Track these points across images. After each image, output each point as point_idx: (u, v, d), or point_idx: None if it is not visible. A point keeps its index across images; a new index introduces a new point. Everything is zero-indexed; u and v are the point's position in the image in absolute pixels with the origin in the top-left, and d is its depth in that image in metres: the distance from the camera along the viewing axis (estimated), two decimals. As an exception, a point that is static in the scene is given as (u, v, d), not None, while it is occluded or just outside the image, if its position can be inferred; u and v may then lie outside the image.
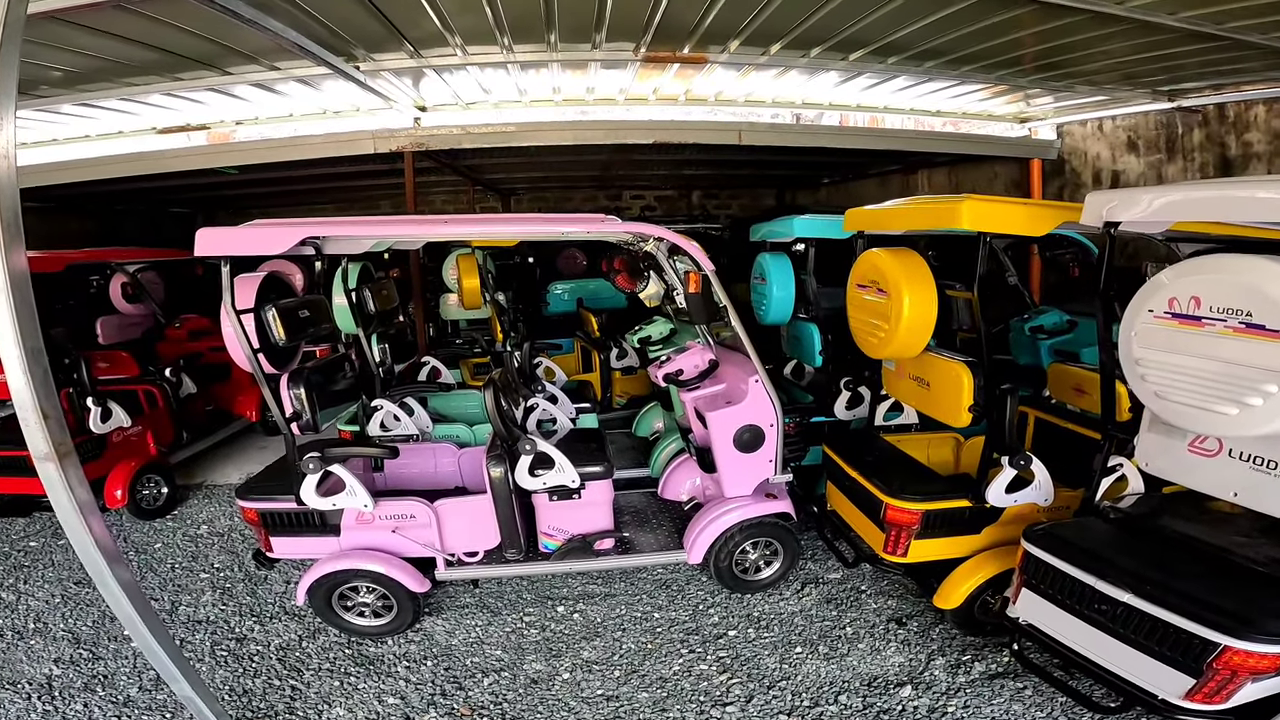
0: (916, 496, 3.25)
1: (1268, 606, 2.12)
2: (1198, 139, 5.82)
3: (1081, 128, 6.87)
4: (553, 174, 10.16)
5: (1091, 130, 6.76)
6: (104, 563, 2.16)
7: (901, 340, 3.26)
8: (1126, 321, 2.45)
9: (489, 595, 3.97)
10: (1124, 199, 2.42)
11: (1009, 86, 5.93)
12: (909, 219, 3.40)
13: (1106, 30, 4.22)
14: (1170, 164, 6.08)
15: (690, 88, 6.00)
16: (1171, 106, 5.77)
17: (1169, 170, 6.11)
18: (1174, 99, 5.70)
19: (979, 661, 3.23)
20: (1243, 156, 5.49)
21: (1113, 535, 2.72)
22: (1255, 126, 5.39)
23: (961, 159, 8.02)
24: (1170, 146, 6.05)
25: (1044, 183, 7.28)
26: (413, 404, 4.58)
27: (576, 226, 3.70)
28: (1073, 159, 7.03)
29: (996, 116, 7.14)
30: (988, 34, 4.52)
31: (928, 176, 9.03)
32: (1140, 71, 5.22)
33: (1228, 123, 5.59)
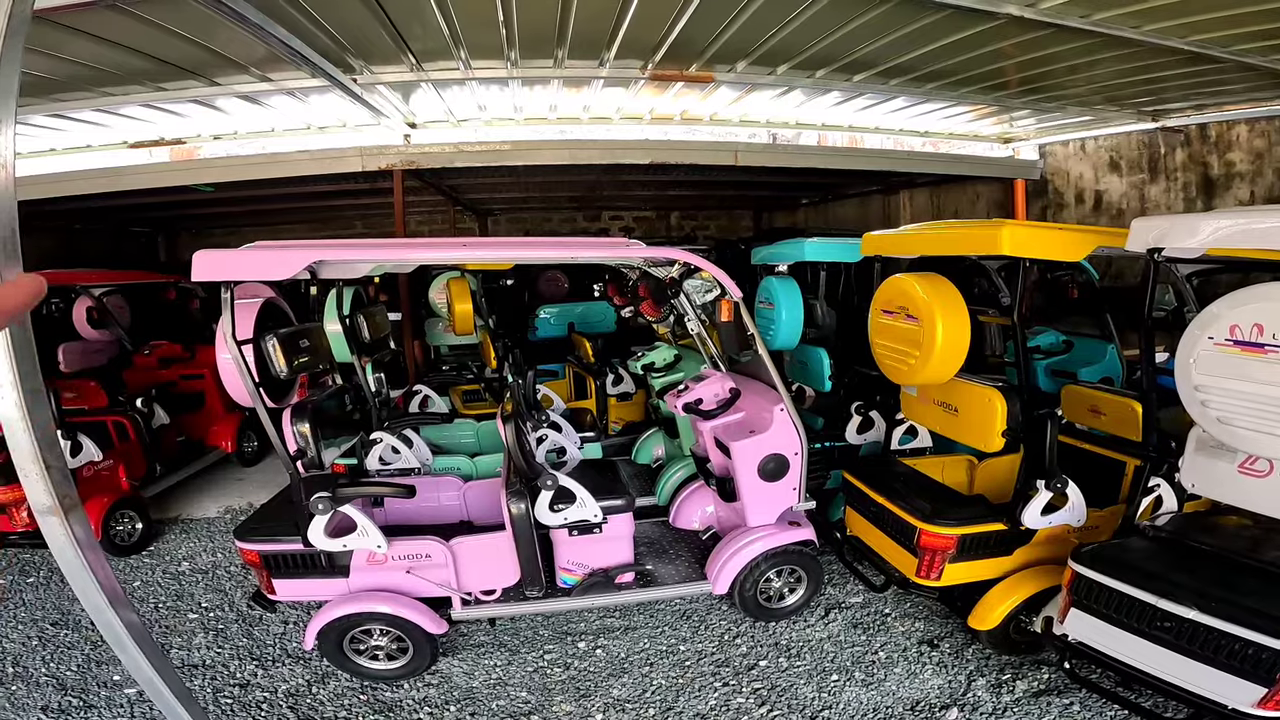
0: (951, 521, 3.22)
1: None
2: (1180, 159, 5.99)
3: (1064, 148, 7.03)
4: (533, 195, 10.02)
5: (1074, 150, 6.93)
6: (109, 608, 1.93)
7: (934, 368, 3.22)
8: (1184, 348, 2.45)
9: (505, 633, 3.80)
10: (1176, 226, 2.42)
11: (998, 107, 6.04)
12: (937, 244, 3.37)
13: (1089, 48, 4.29)
14: (1153, 184, 6.25)
15: (686, 108, 5.97)
16: (1155, 127, 5.92)
17: (1151, 190, 6.28)
18: (1157, 119, 5.86)
19: (1020, 680, 3.21)
20: (1225, 176, 5.66)
21: (1161, 553, 2.76)
22: (1237, 146, 5.56)
23: (944, 180, 8.15)
24: (1153, 166, 6.21)
25: (1027, 203, 7.42)
26: (411, 436, 4.39)
27: (602, 251, 3.59)
28: (1055, 179, 7.18)
29: (982, 137, 7.28)
30: (985, 59, 4.61)
31: (909, 197, 9.16)
32: (1124, 92, 5.36)
33: (1209, 142, 5.76)
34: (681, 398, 3.76)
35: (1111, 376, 4.82)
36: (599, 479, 3.68)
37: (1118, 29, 3.80)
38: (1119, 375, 4.84)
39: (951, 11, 3.69)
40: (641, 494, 4.85)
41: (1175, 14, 3.67)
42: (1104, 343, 4.98)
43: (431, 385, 5.58)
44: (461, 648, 3.65)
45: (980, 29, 3.99)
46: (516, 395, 3.82)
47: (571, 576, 3.57)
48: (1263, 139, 5.39)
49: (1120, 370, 4.88)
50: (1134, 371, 4.91)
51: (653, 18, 3.94)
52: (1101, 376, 4.78)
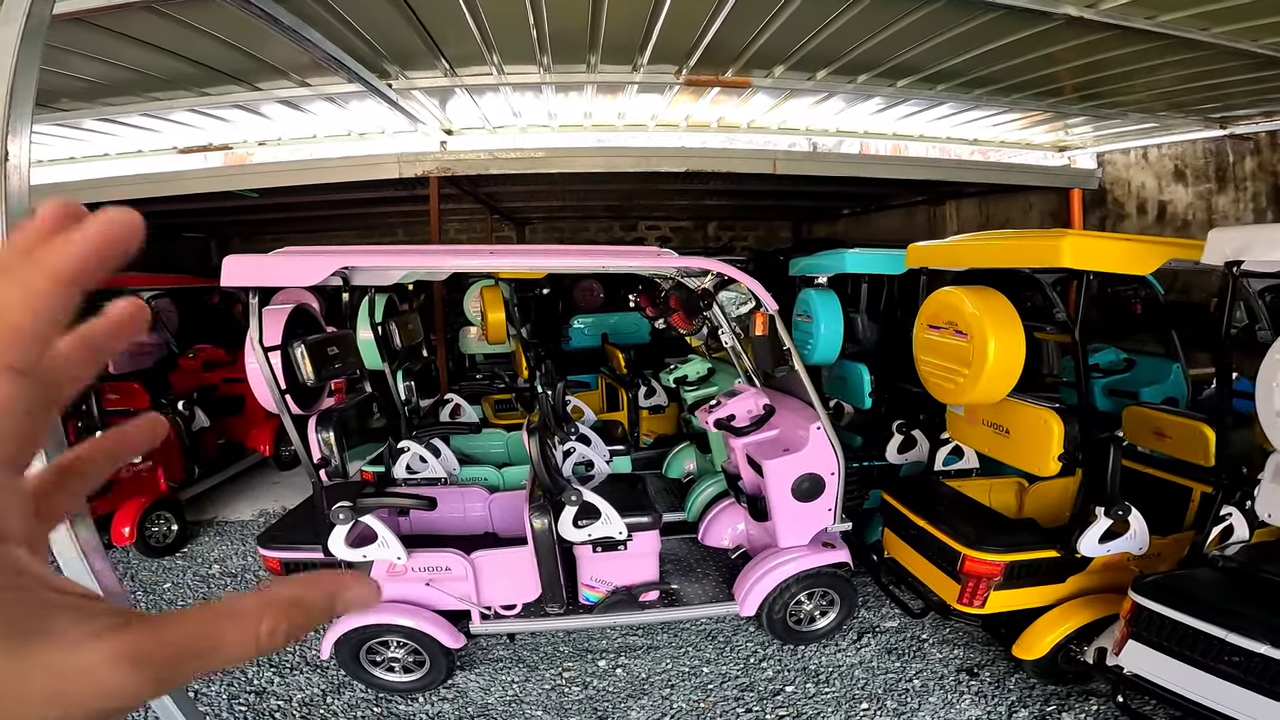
0: (998, 548, 3.05)
1: None
2: (1249, 167, 5.64)
3: (1124, 156, 6.70)
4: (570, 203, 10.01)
5: (1135, 159, 6.59)
6: None
7: (985, 387, 3.02)
8: (1267, 371, 2.23)
9: (524, 648, 3.71)
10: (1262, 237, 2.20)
11: (1052, 114, 5.78)
12: (991, 255, 3.19)
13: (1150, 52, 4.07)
14: (1221, 194, 5.90)
15: (723, 114, 5.86)
16: (1223, 134, 5.58)
17: (1219, 201, 5.92)
18: (1225, 126, 5.52)
19: (1066, 712, 3.02)
20: (1301, 184, 5.30)
21: (1231, 585, 2.60)
22: (1313, 155, 5.21)
23: (993, 189, 7.84)
24: (1220, 176, 5.86)
25: (1085, 214, 7.07)
26: (439, 445, 4.35)
27: (634, 260, 3.50)
28: (1115, 189, 6.84)
29: (1035, 145, 6.99)
30: (1038, 63, 4.41)
31: (956, 208, 8.85)
32: (1189, 98, 5.08)
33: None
34: (713, 413, 3.62)
35: (1176, 397, 4.52)
36: (626, 494, 3.58)
37: (1184, 31, 3.59)
38: (1184, 396, 4.54)
39: (1004, 13, 3.51)
40: (670, 509, 4.75)
41: (1245, 16, 3.45)
42: (1169, 361, 4.68)
43: (463, 394, 5.55)
44: (479, 662, 3.58)
45: (1035, 31, 3.80)
46: (544, 407, 3.74)
47: (594, 594, 3.47)
48: (1343, 147, 5.03)
49: (1185, 391, 4.58)
50: (1200, 392, 4.61)
51: (686, 21, 3.85)
52: (1165, 397, 4.49)
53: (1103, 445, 2.87)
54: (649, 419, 5.84)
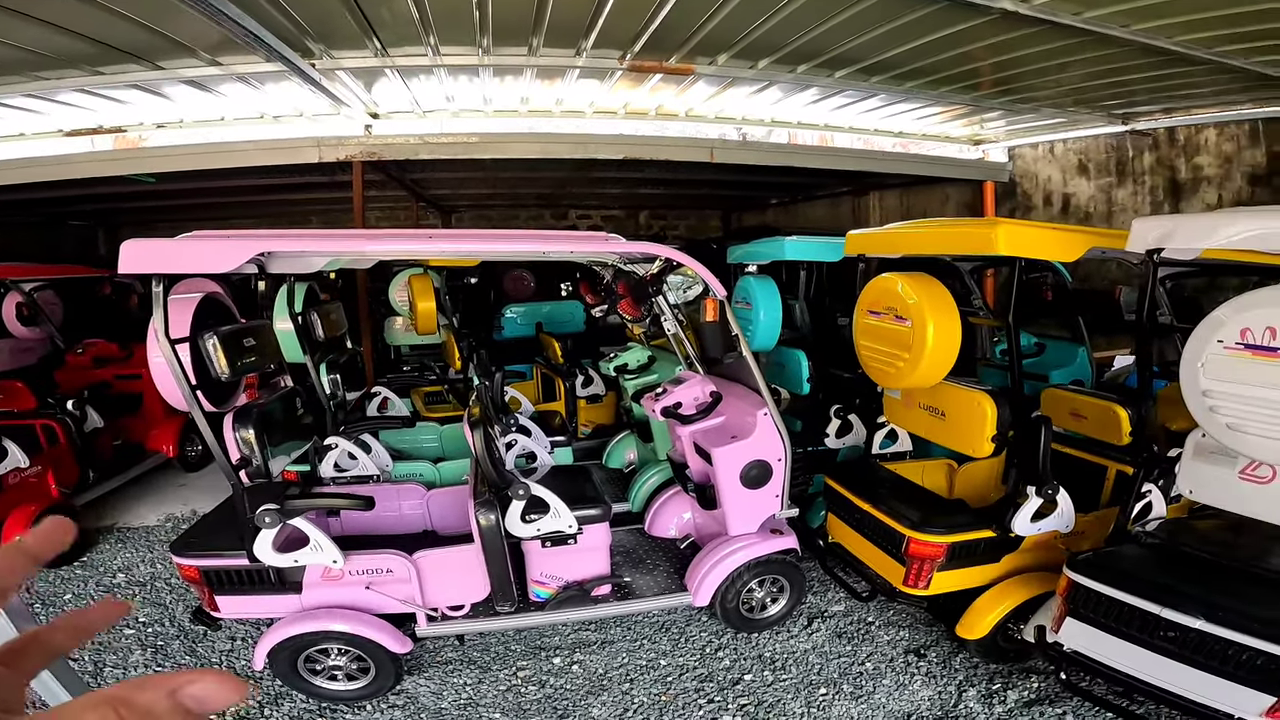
0: (941, 529, 3.13)
1: None
2: (1148, 162, 6.05)
3: (1033, 150, 7.07)
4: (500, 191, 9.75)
5: (1043, 153, 6.97)
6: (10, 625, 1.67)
7: (924, 371, 3.10)
8: (1191, 352, 2.36)
9: (474, 649, 3.57)
10: (1183, 227, 2.33)
11: (972, 108, 6.02)
12: (927, 242, 3.27)
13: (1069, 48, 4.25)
14: (1120, 187, 6.30)
15: (662, 102, 5.81)
16: (1124, 130, 5.96)
17: (1119, 194, 6.33)
18: (1127, 121, 5.89)
19: (1011, 689, 3.13)
20: (1193, 180, 5.72)
21: (1158, 561, 2.72)
22: (1205, 150, 5.62)
23: (914, 181, 8.14)
24: (1121, 170, 6.27)
25: (996, 205, 7.44)
26: (370, 441, 4.13)
27: (584, 245, 3.39)
28: (1024, 181, 7.22)
29: (953, 138, 7.28)
30: (967, 57, 4.56)
31: (879, 198, 9.15)
32: (1096, 94, 5.38)
33: (1178, 146, 5.81)
34: (660, 401, 3.58)
35: (1082, 379, 4.82)
36: (572, 486, 3.49)
37: (1105, 27, 3.76)
38: (1089, 378, 4.84)
39: (947, 5, 3.59)
40: (614, 500, 4.69)
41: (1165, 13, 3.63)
42: (1075, 345, 4.98)
43: (391, 387, 5.31)
44: (428, 666, 3.43)
45: (971, 24, 3.91)
46: (484, 399, 3.59)
47: (545, 590, 3.38)
48: (1231, 143, 5.45)
49: (1090, 373, 4.88)
50: (1102, 374, 4.92)
51: (634, 5, 3.77)
52: (1072, 379, 4.77)
53: (1034, 426, 2.97)
54: (587, 409, 5.75)
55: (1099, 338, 4.96)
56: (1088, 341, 4.94)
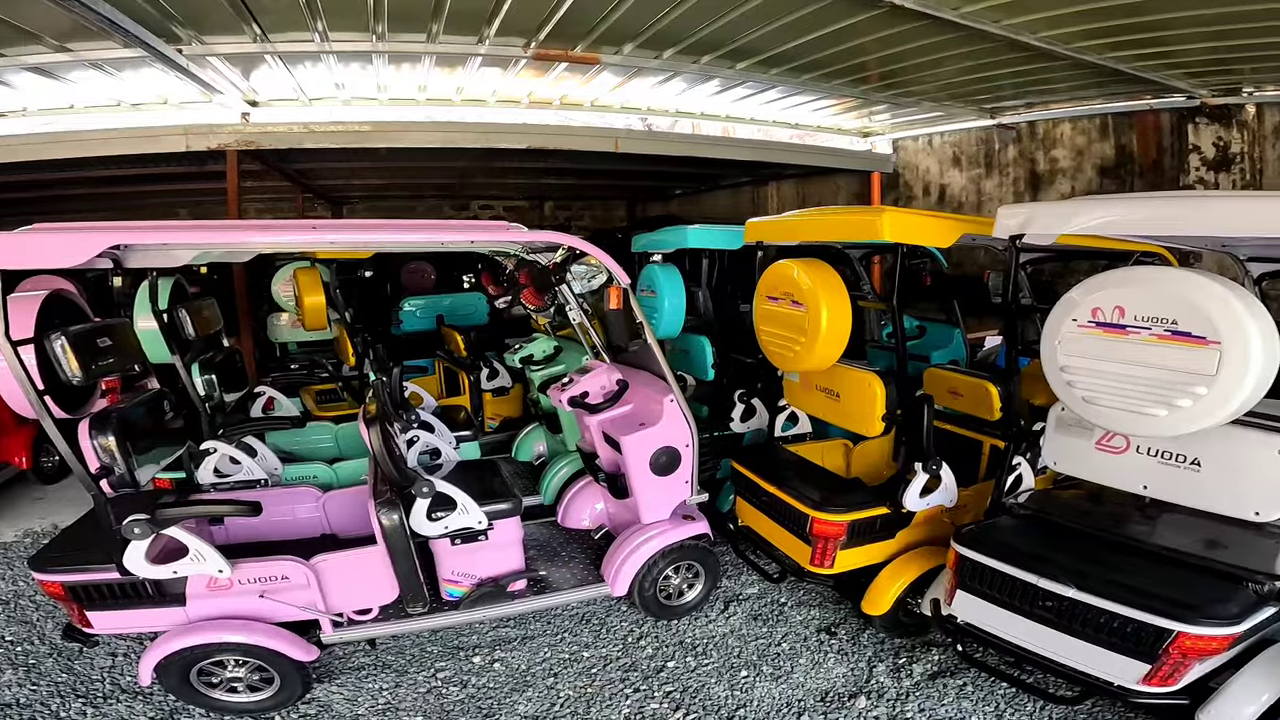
0: (841, 508, 3.23)
1: (1207, 593, 2.29)
2: (1012, 155, 6.54)
3: (914, 143, 7.50)
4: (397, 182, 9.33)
5: (923, 145, 7.41)
6: None
7: (819, 353, 3.23)
8: (1049, 331, 2.53)
9: (388, 653, 3.43)
10: (1040, 214, 2.53)
11: (861, 101, 6.30)
12: (821, 229, 3.39)
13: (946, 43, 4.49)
14: (988, 178, 6.79)
15: (567, 92, 5.76)
16: (992, 124, 6.42)
17: (987, 184, 6.82)
18: (995, 115, 6.34)
19: (916, 663, 3.27)
20: (1050, 171, 6.24)
21: (1032, 532, 2.85)
22: (1061, 143, 6.14)
23: (809, 172, 8.47)
24: (988, 162, 6.75)
25: (882, 195, 7.86)
26: (254, 443, 3.88)
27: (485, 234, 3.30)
28: (906, 173, 7.66)
29: (845, 131, 7.62)
30: (857, 50, 4.75)
31: (777, 189, 9.46)
32: (968, 89, 5.74)
33: (1037, 139, 6.31)
34: (567, 391, 3.54)
35: (958, 359, 5.14)
36: (480, 482, 3.42)
37: (979, 22, 3.95)
38: (964, 358, 5.15)
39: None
40: (525, 494, 4.62)
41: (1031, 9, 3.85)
42: (951, 327, 5.31)
43: (277, 386, 5.00)
44: (340, 672, 3.28)
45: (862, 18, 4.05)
46: (381, 394, 3.43)
47: (458, 588, 3.30)
48: (1084, 136, 5.97)
49: (965, 353, 5.20)
50: (976, 354, 5.29)
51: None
52: (950, 359, 5.07)
53: (918, 405, 3.13)
54: (493, 402, 5.63)
55: (971, 320, 5.32)
56: (962, 323, 5.29)
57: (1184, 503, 2.50)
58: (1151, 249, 3.71)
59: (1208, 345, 2.09)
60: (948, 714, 2.92)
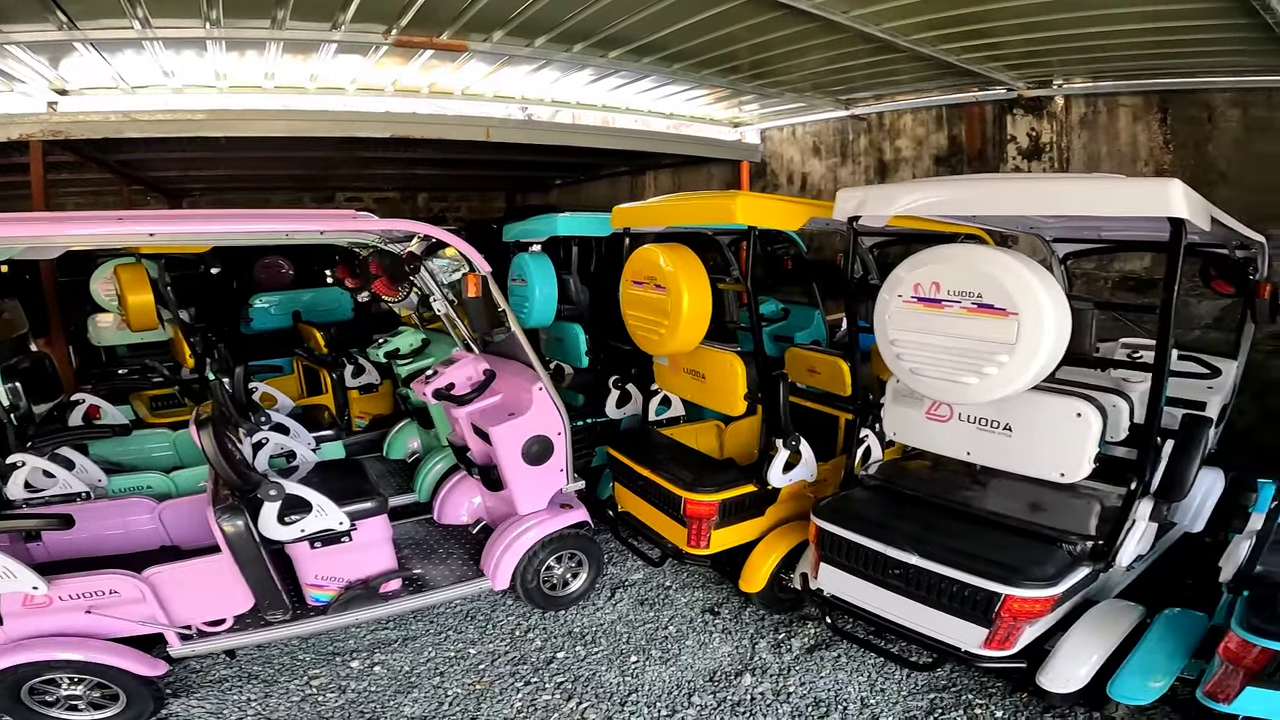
0: (711, 488, 3.32)
1: (1029, 556, 2.48)
2: (864, 144, 6.96)
3: (780, 133, 7.83)
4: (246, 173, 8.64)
5: (787, 135, 7.75)
6: None
7: (682, 336, 3.30)
8: (880, 307, 2.67)
9: (252, 663, 3.23)
10: (872, 196, 2.70)
11: (731, 91, 6.49)
12: (680, 214, 3.46)
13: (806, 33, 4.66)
14: (843, 167, 7.21)
15: (436, 80, 5.54)
16: (847, 114, 6.81)
17: (842, 173, 7.23)
18: (849, 107, 6.72)
19: (794, 638, 3.40)
20: (895, 160, 6.70)
21: (878, 501, 3.02)
22: (904, 133, 6.59)
23: (685, 161, 8.63)
24: (844, 151, 7.16)
25: (751, 184, 8.16)
26: (71, 455, 3.53)
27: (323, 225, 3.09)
28: (773, 162, 7.99)
29: (717, 121, 7.83)
30: (724, 40, 4.86)
31: (654, 178, 9.59)
32: (826, 81, 6.02)
33: (885, 130, 6.75)
34: (430, 384, 3.42)
35: (819, 339, 5.44)
36: (341, 482, 3.27)
37: (829, 13, 4.11)
38: (824, 337, 5.44)
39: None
40: (399, 492, 4.50)
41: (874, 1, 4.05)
42: (812, 309, 5.61)
43: (100, 392, 4.54)
44: (198, 685, 3.06)
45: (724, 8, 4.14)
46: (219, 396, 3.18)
47: (324, 593, 3.14)
48: (923, 127, 6.45)
49: (824, 333, 5.49)
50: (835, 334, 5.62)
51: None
52: (812, 340, 5.33)
53: (774, 383, 3.26)
54: (361, 400, 5.36)
55: (831, 302, 5.64)
56: (821, 305, 5.60)
57: (1001, 467, 2.70)
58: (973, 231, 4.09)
59: (1008, 316, 2.28)
60: (825, 685, 3.04)
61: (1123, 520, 2.46)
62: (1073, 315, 2.34)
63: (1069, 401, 2.49)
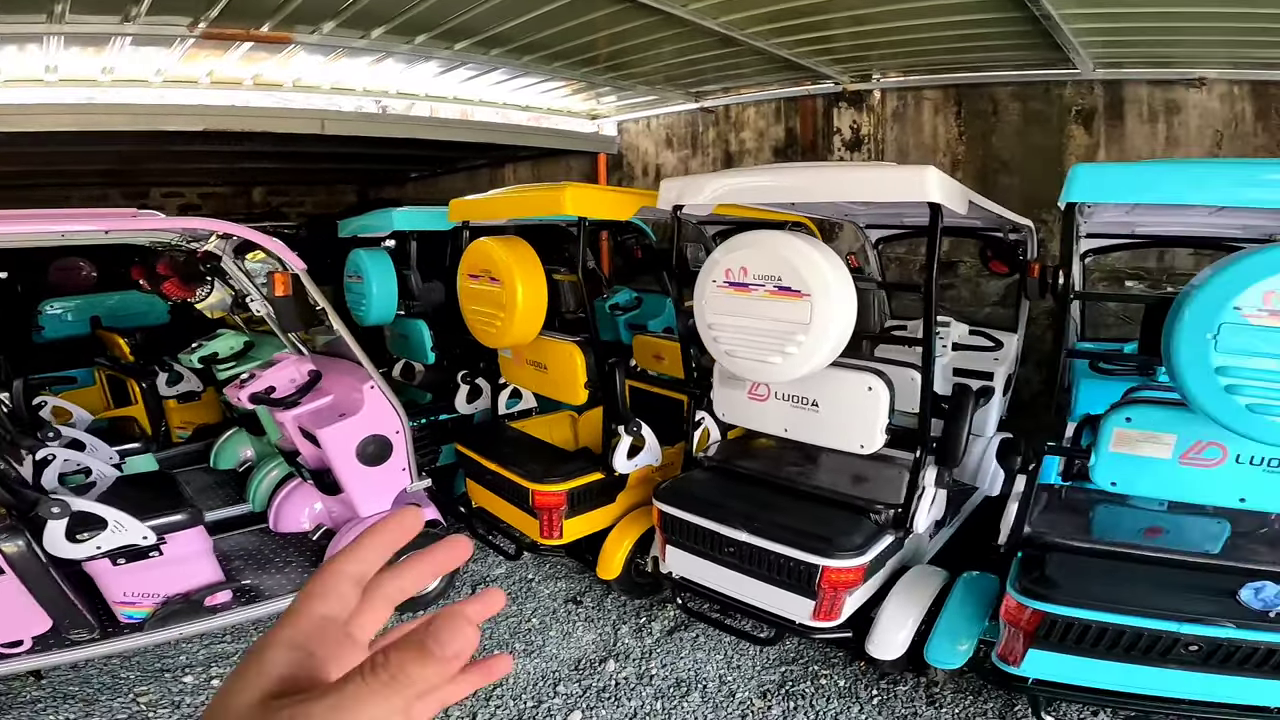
0: (558, 478, 3.35)
1: (841, 527, 2.65)
2: (712, 136, 7.20)
3: (636, 125, 7.92)
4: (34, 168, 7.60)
5: (642, 127, 7.86)
6: None
7: (519, 327, 3.30)
8: (698, 292, 2.78)
9: (67, 684, 2.99)
10: (689, 185, 2.82)
11: (585, 84, 6.47)
12: (514, 207, 3.45)
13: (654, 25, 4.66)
14: (694, 159, 7.42)
15: (260, 71, 5.15)
16: (696, 107, 7.02)
17: (693, 164, 7.44)
18: (699, 100, 6.93)
19: (654, 621, 3.49)
20: (740, 152, 6.99)
21: (715, 482, 3.14)
22: (748, 126, 6.88)
23: (544, 154, 8.54)
24: (695, 143, 7.37)
25: (608, 176, 8.23)
26: None
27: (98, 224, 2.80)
28: (629, 154, 8.09)
29: (575, 113, 7.80)
30: (577, 31, 4.80)
31: (514, 170, 9.43)
32: (678, 74, 6.12)
33: (731, 122, 7.01)
34: (246, 388, 3.21)
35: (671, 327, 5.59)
36: (145, 495, 3.06)
37: (669, 7, 4.16)
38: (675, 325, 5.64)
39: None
40: (229, 503, 4.23)
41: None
42: (664, 297, 5.76)
43: None
44: (9, 707, 2.86)
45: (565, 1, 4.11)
46: (-8, 412, 2.84)
47: (137, 609, 2.93)
48: (764, 120, 6.75)
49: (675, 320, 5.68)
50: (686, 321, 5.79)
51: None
52: (665, 327, 5.43)
53: (610, 371, 3.33)
54: (180, 409, 4.93)
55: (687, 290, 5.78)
56: (672, 292, 5.75)
57: (813, 441, 2.88)
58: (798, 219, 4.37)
59: (802, 297, 2.45)
60: (685, 666, 3.14)
61: (914, 487, 2.68)
62: (858, 296, 2.56)
63: (861, 376, 2.68)
